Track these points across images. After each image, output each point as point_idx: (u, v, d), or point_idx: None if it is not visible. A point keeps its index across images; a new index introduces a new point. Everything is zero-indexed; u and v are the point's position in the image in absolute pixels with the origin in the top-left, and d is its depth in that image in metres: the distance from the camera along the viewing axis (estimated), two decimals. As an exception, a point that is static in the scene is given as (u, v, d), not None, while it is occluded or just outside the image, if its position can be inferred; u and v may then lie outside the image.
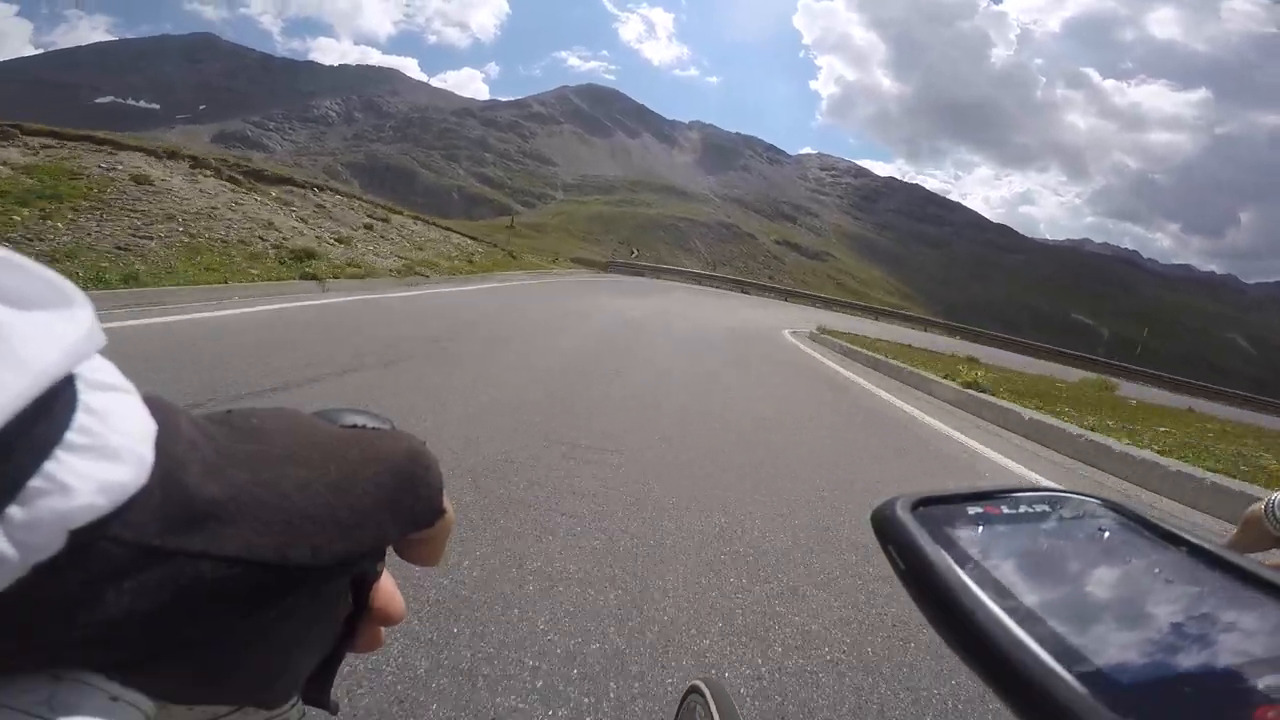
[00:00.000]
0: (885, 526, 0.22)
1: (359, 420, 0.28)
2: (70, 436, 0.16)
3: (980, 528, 0.22)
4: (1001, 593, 0.18)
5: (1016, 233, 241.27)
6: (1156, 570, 0.20)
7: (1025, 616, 0.17)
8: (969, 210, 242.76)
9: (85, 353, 0.18)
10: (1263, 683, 0.15)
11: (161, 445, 0.19)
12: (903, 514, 0.22)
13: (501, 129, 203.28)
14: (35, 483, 0.15)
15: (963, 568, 0.19)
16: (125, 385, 0.19)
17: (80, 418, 0.17)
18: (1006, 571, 0.19)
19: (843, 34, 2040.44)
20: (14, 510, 0.15)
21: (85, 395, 0.17)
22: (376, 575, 0.28)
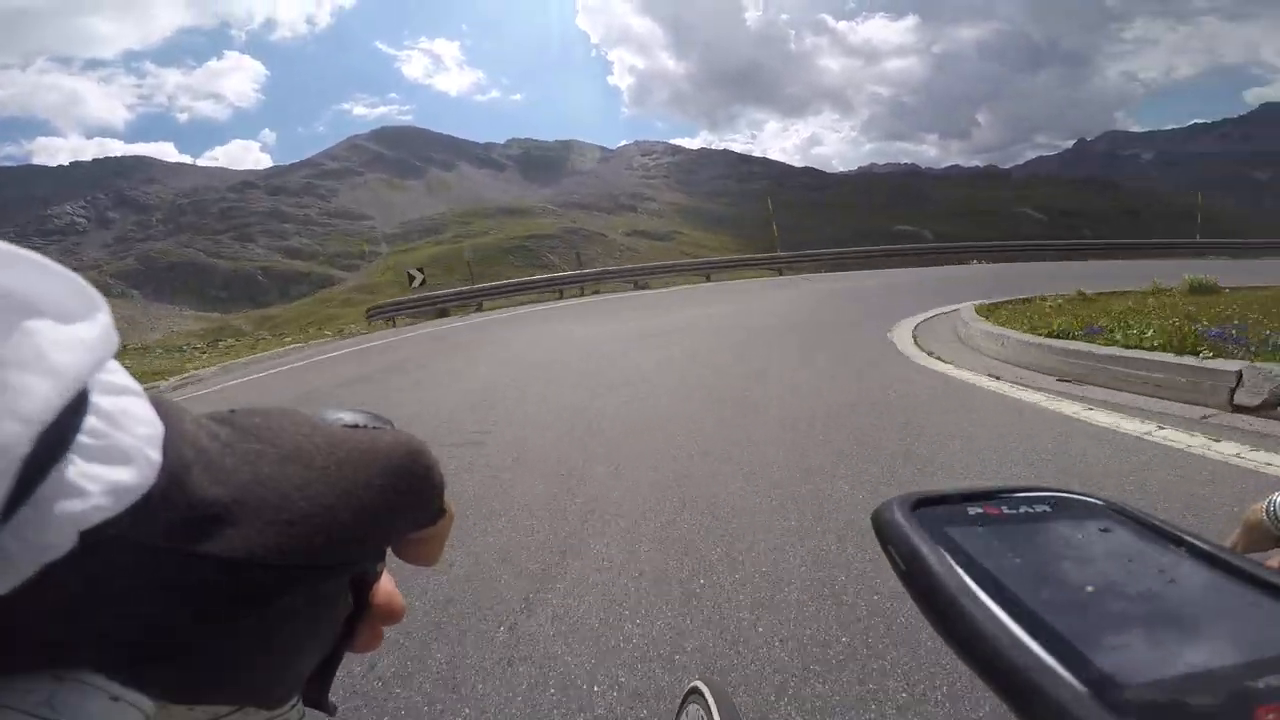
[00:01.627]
0: (885, 527, 0.22)
1: (359, 420, 0.27)
2: (81, 439, 0.16)
3: (980, 528, 0.22)
4: (1002, 593, 0.18)
5: (820, 170, 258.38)
6: (1156, 570, 0.20)
7: (1026, 617, 0.17)
8: (776, 162, 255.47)
9: (106, 356, 0.18)
10: (1262, 682, 0.15)
11: (168, 447, 0.19)
12: (902, 514, 0.22)
13: (295, 194, 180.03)
14: (46, 485, 0.15)
15: (963, 568, 0.19)
16: (134, 387, 0.19)
17: (90, 420, 0.17)
18: (1007, 571, 0.19)
19: (623, 26, 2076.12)
20: (26, 512, 0.15)
21: (95, 398, 0.17)
22: (376, 575, 0.28)
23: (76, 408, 0.17)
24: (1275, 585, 0.18)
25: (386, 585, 0.29)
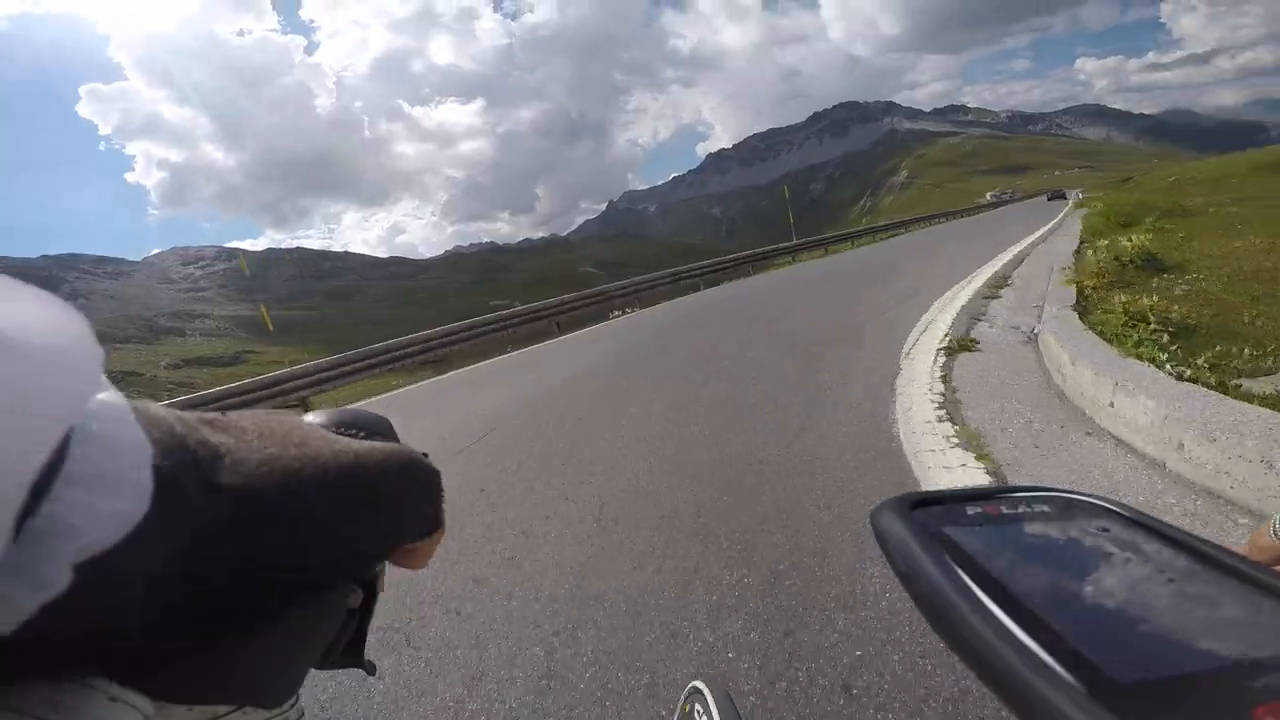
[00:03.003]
0: (884, 528, 0.21)
1: (356, 422, 0.27)
2: (68, 468, 0.15)
3: (979, 528, 0.22)
4: (1001, 593, 0.18)
5: (408, 259, 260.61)
6: (1155, 570, 0.20)
7: (1025, 617, 0.17)
8: (359, 255, 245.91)
9: (94, 382, 0.16)
10: (1262, 682, 0.15)
11: (161, 466, 0.17)
12: (901, 515, 0.22)
13: None
14: (37, 520, 0.14)
15: (962, 568, 0.19)
16: (119, 403, 0.18)
17: (76, 448, 0.15)
18: (1006, 572, 0.19)
19: (150, 114, 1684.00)
20: (17, 551, 0.14)
21: (81, 421, 0.16)
22: (382, 569, 0.28)
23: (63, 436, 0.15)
24: (1274, 585, 0.18)
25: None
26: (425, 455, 0.26)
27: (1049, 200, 47.57)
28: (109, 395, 0.17)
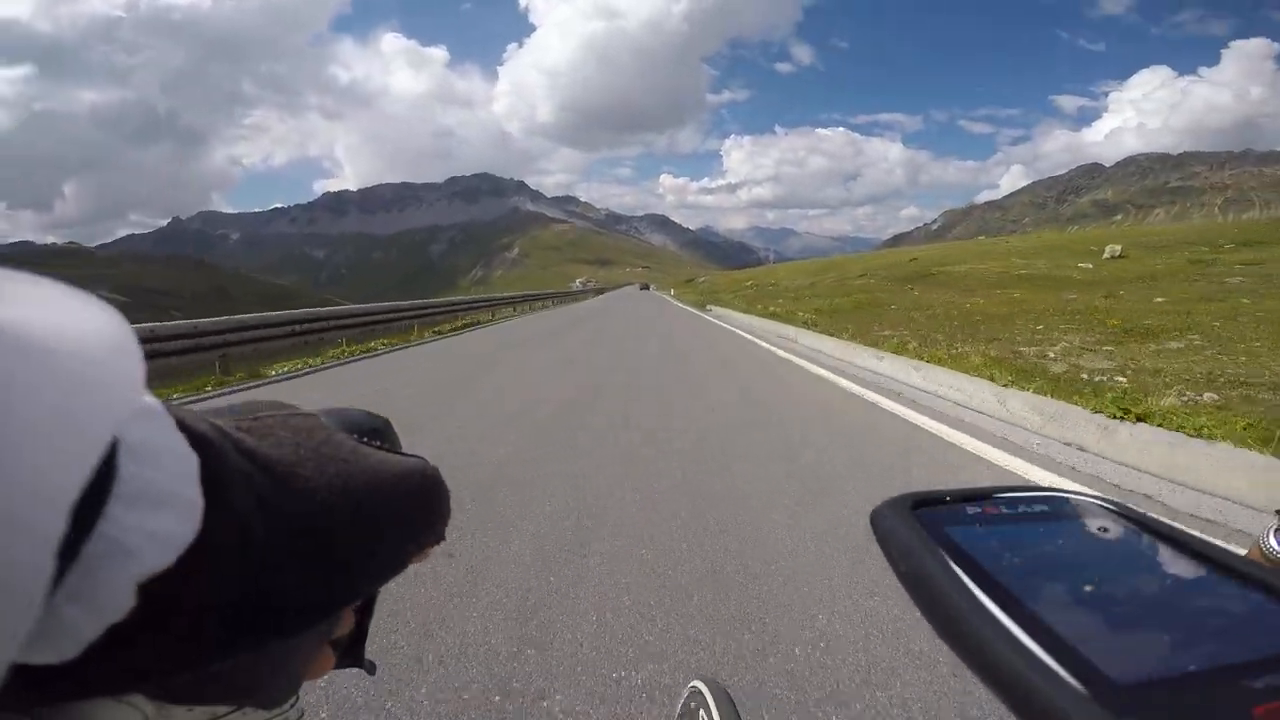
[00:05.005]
0: (884, 528, 0.22)
1: (364, 425, 0.27)
2: (117, 486, 0.14)
3: (979, 528, 0.22)
4: (1001, 593, 0.18)
5: None
6: (1155, 570, 0.20)
7: (1025, 617, 0.17)
8: None
9: (138, 387, 0.15)
10: (1261, 681, 0.15)
11: (209, 481, 0.16)
12: (901, 515, 0.22)
13: None
14: (92, 543, 0.13)
15: (962, 568, 0.19)
16: (156, 408, 0.16)
17: (124, 463, 0.14)
18: (1006, 571, 0.19)
19: None
20: (75, 577, 0.13)
21: (123, 429, 0.14)
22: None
23: (109, 450, 0.14)
24: (1274, 585, 0.18)
25: None
26: (438, 469, 0.26)
27: (640, 289, 76.52)
28: (149, 399, 0.16)
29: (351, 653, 0.29)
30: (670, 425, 3.92)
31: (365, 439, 0.24)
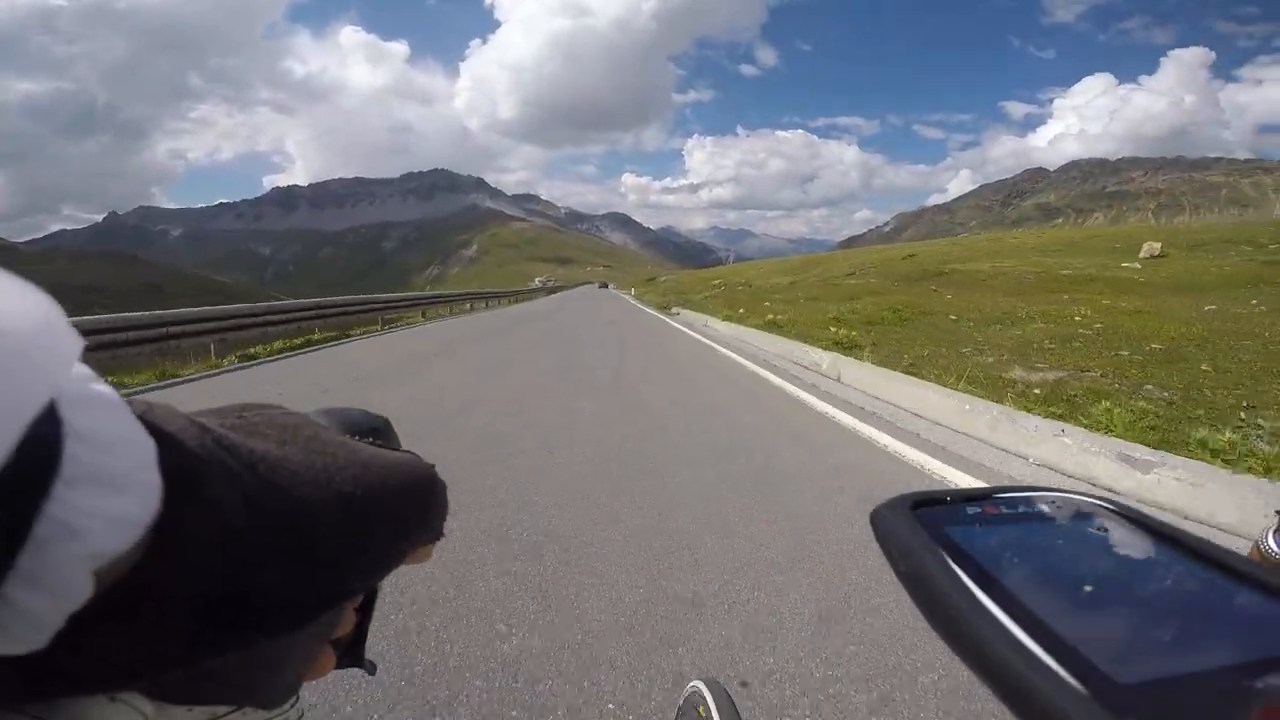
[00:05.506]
0: (884, 528, 0.22)
1: (361, 424, 0.27)
2: (64, 469, 0.14)
3: (979, 528, 0.22)
4: (1001, 593, 0.18)
5: None
6: (1155, 570, 0.20)
7: (1025, 617, 0.17)
8: None
9: (69, 363, 0.14)
10: (1262, 682, 0.15)
11: (176, 467, 0.16)
12: (902, 515, 0.22)
13: None
14: (43, 524, 0.13)
15: (962, 568, 0.19)
16: (110, 396, 0.16)
17: (70, 446, 0.14)
18: (1006, 572, 0.19)
19: None
20: (28, 559, 0.13)
21: (68, 414, 0.14)
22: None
23: (52, 429, 0.14)
24: (1275, 585, 0.18)
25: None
26: (433, 466, 0.25)
27: (599, 288, 72.90)
28: (100, 388, 0.16)
29: (351, 653, 0.29)
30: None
31: (364, 438, 0.24)
